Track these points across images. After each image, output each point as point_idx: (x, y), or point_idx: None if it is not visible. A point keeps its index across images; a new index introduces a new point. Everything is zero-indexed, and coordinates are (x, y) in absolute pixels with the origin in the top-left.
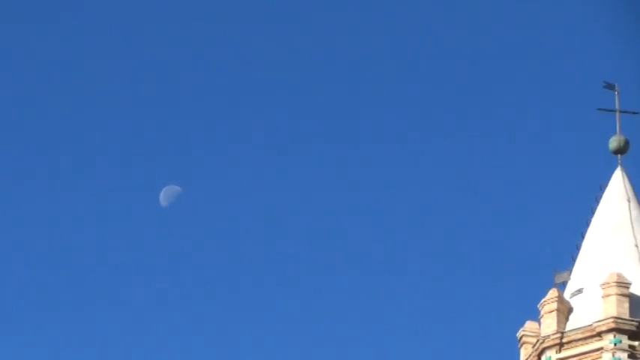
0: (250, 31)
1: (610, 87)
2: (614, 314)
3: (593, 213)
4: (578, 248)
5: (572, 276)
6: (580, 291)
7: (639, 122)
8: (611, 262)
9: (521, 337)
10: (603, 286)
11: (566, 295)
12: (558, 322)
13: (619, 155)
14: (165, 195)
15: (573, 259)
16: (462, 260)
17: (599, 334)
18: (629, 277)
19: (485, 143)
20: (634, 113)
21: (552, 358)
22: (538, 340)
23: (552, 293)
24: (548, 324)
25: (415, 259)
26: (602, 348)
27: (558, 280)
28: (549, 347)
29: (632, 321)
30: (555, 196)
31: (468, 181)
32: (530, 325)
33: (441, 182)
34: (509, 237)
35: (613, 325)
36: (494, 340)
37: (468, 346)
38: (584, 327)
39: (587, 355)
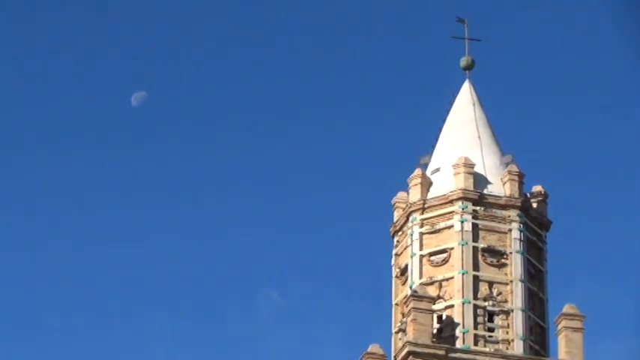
0: None
1: (461, 21)
2: (462, 187)
3: (447, 113)
4: (436, 139)
5: (432, 159)
6: (438, 170)
7: (482, 47)
8: (460, 149)
9: (394, 204)
10: (454, 167)
11: (428, 172)
12: (422, 192)
13: (467, 71)
14: (136, 98)
15: (433, 147)
16: (354, 147)
17: (451, 201)
18: (473, 159)
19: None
20: (478, 40)
21: (417, 218)
22: (407, 205)
23: (417, 172)
24: (414, 194)
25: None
26: (453, 211)
27: (422, 161)
28: (415, 210)
29: (475, 192)
30: (421, 100)
31: (366, 86)
32: (401, 195)
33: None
34: (390, 132)
35: (461, 195)
36: (374, 205)
37: (356, 210)
38: (441, 196)
39: (442, 217)
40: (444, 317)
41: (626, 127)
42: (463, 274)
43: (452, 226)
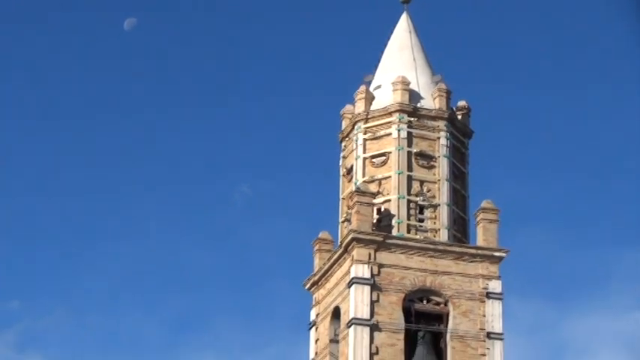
0: None
1: None
2: (399, 101)
3: (388, 39)
4: (378, 60)
5: (374, 77)
6: (379, 86)
7: None
8: (398, 69)
9: (342, 114)
10: (393, 84)
11: (371, 88)
12: (365, 106)
13: (405, 4)
14: (128, 24)
15: (375, 67)
16: (311, 68)
17: (390, 113)
18: (409, 78)
19: None
20: None
21: (361, 127)
22: (353, 116)
23: (362, 88)
24: (359, 106)
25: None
26: (391, 121)
27: (366, 79)
28: (359, 120)
29: (410, 105)
30: (366, 28)
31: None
32: (348, 107)
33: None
34: (340, 55)
35: (398, 108)
36: (324, 115)
37: (311, 119)
38: (381, 108)
39: (382, 126)
40: (382, 210)
41: (535, 51)
42: (399, 174)
43: (390, 133)
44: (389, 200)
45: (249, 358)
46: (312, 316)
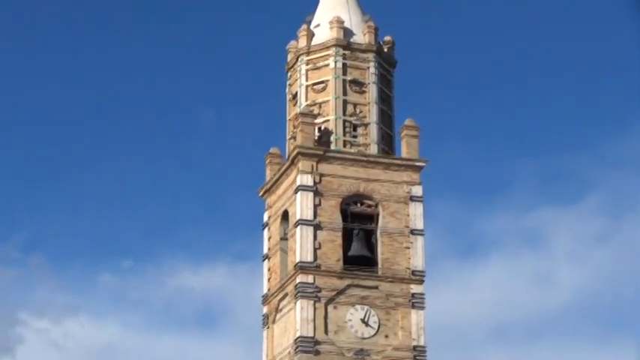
0: None
1: None
2: (335, 37)
3: None
4: (317, 2)
5: (314, 17)
6: (318, 25)
7: None
8: (334, 10)
9: (288, 49)
10: (330, 23)
11: (312, 27)
12: (307, 41)
13: None
14: None
15: (315, 8)
16: (264, 10)
17: (328, 47)
18: (343, 18)
19: None
20: None
21: (304, 59)
22: (297, 50)
23: (304, 27)
24: (302, 42)
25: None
26: (329, 54)
27: (307, 19)
28: (302, 54)
29: (344, 40)
30: None
31: None
32: (292, 43)
33: None
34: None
35: (335, 42)
36: (275, 50)
37: (263, 53)
38: (320, 43)
39: (321, 58)
40: (322, 128)
41: None
42: (336, 98)
43: (328, 64)
44: (328, 120)
45: (214, 255)
46: (265, 219)
